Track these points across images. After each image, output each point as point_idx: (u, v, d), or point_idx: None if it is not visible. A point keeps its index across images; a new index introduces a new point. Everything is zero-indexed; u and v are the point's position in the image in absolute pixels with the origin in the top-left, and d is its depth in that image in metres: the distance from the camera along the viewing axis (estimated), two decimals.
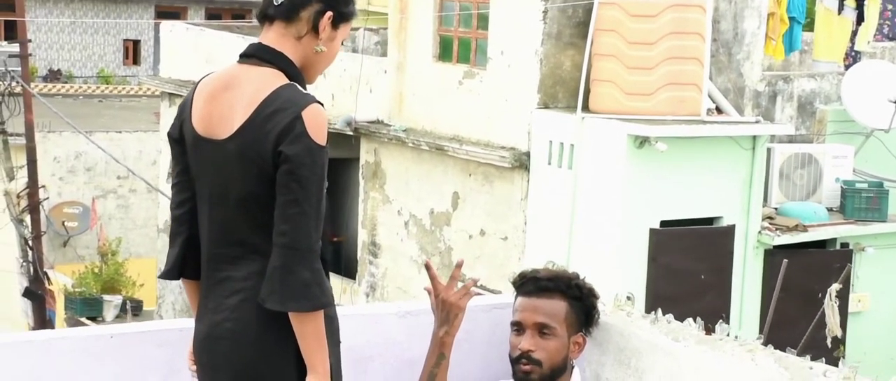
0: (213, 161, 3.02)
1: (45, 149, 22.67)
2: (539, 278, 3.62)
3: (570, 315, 3.57)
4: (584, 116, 12.72)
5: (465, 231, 13.98)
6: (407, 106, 14.55)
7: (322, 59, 3.14)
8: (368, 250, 15.16)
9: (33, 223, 19.62)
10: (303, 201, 2.92)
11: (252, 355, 2.98)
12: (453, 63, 14.16)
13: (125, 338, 3.30)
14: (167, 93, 17.95)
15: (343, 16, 3.12)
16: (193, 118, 3.06)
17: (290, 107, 2.95)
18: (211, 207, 3.05)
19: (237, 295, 3.00)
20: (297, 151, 2.91)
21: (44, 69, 31.67)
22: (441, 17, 14.27)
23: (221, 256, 3.05)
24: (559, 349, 3.54)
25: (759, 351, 3.27)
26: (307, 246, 2.93)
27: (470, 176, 13.87)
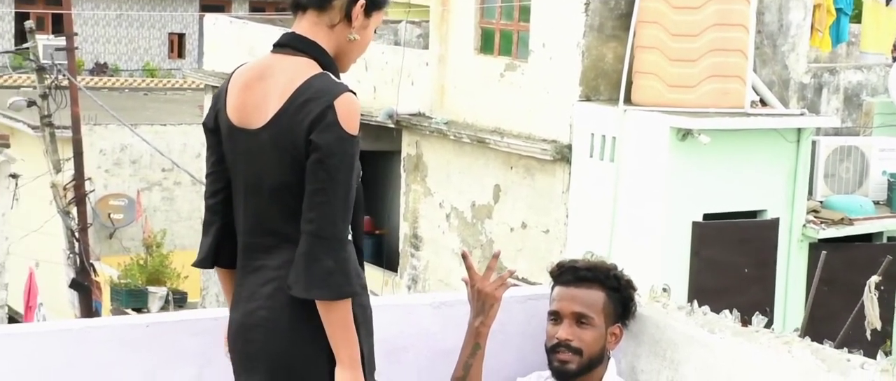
0: (248, 151, 3.02)
1: (91, 142, 22.83)
2: (578, 268, 3.61)
3: (607, 306, 3.55)
4: (627, 108, 12.67)
5: (506, 224, 13.96)
6: (448, 99, 14.54)
7: (355, 48, 3.13)
8: (410, 242, 15.18)
9: (79, 215, 19.75)
10: (330, 191, 2.92)
11: (285, 343, 2.99)
12: (495, 55, 14.14)
13: (161, 327, 3.31)
14: (211, 86, 18.04)
15: (375, 4, 3.11)
16: (228, 108, 3.06)
17: (322, 96, 2.94)
18: (246, 196, 3.06)
19: (271, 284, 3.01)
20: (327, 141, 2.91)
21: (90, 63, 31.92)
22: (483, 9, 14.25)
23: (256, 245, 3.05)
24: (597, 339, 3.52)
25: (796, 343, 3.23)
26: (332, 234, 2.92)
27: (511, 169, 13.85)
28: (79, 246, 19.79)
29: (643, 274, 12.62)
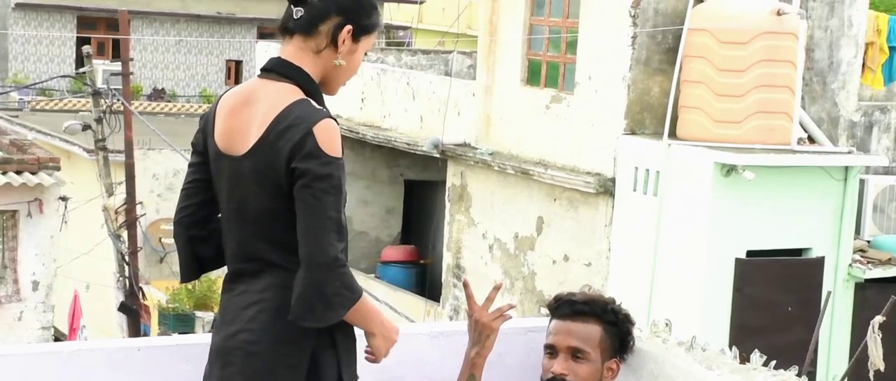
0: (232, 176, 3.04)
1: (145, 166, 23.07)
2: (575, 302, 3.58)
3: (604, 340, 3.51)
4: (671, 142, 12.59)
5: (548, 256, 13.90)
6: (494, 129, 14.53)
7: (343, 73, 3.14)
8: (453, 272, 15.16)
9: (130, 239, 19.92)
10: (322, 215, 2.94)
11: (263, 366, 2.99)
12: (541, 87, 14.12)
13: (152, 351, 3.32)
14: None
15: (364, 29, 3.11)
16: (215, 133, 3.08)
17: (301, 123, 2.95)
18: (232, 223, 3.08)
19: (254, 307, 3.03)
20: (311, 167, 2.93)
21: (148, 88, 32.32)
22: (530, 40, 14.25)
23: (241, 271, 3.07)
24: (592, 373, 3.48)
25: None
26: (333, 257, 2.96)
27: (555, 201, 13.80)
28: (128, 270, 19.96)
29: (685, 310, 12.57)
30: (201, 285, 20.78)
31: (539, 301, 14.07)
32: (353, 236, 17.07)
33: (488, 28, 14.71)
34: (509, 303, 3.77)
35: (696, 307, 12.41)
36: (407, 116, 15.78)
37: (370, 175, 17.03)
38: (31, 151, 15.78)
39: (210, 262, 3.21)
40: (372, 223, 17.16)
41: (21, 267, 15.39)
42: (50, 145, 24.92)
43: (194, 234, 3.18)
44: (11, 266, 15.35)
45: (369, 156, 16.87)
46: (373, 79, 16.43)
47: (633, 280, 12.89)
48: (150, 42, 32.63)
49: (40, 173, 15.18)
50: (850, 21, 13.97)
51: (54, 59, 32.08)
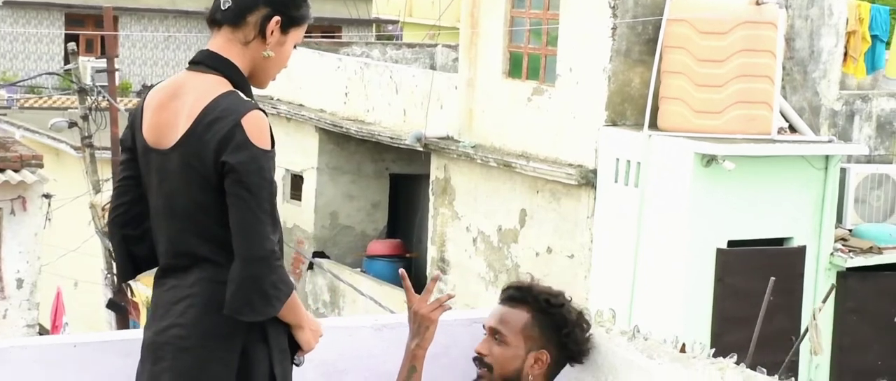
0: (160, 171, 3.03)
1: None
2: (510, 288, 3.60)
3: (530, 328, 3.50)
4: (652, 133, 12.59)
5: (532, 249, 13.90)
6: (477, 122, 14.53)
7: (272, 65, 3.12)
8: (437, 266, 15.16)
9: None
10: (256, 208, 2.93)
11: (194, 360, 2.98)
12: (523, 80, 14.12)
13: (88, 348, 3.32)
14: None
15: (293, 20, 3.10)
16: (143, 127, 3.07)
17: (229, 115, 2.94)
18: (160, 218, 3.06)
19: (184, 301, 3.01)
20: (241, 160, 2.91)
21: (137, 85, 32.28)
22: (511, 33, 14.24)
23: (172, 266, 3.06)
24: (509, 358, 3.48)
25: (730, 369, 3.20)
26: (269, 250, 2.95)
27: (537, 193, 13.80)
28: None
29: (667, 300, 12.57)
30: None
31: None
32: (339, 230, 17.08)
33: (470, 21, 14.70)
34: (449, 293, 3.76)
35: (678, 298, 12.42)
36: (390, 110, 15.77)
37: (355, 169, 17.02)
38: (14, 149, 15.76)
39: (145, 261, 3.18)
40: (357, 218, 17.15)
41: (5, 265, 15.39)
42: (38, 143, 24.88)
43: (128, 233, 3.16)
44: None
45: (354, 150, 16.87)
46: (356, 73, 16.42)
47: (615, 271, 12.90)
48: (139, 38, 32.59)
49: (23, 171, 15.16)
50: (830, 10, 13.97)
51: (43, 56, 32.04)
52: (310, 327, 3.15)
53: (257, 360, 3.03)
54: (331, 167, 16.84)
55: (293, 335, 3.13)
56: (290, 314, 3.06)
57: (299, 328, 3.12)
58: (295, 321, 3.10)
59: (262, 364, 3.04)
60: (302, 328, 3.12)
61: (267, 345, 3.04)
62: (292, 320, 3.09)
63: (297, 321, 3.10)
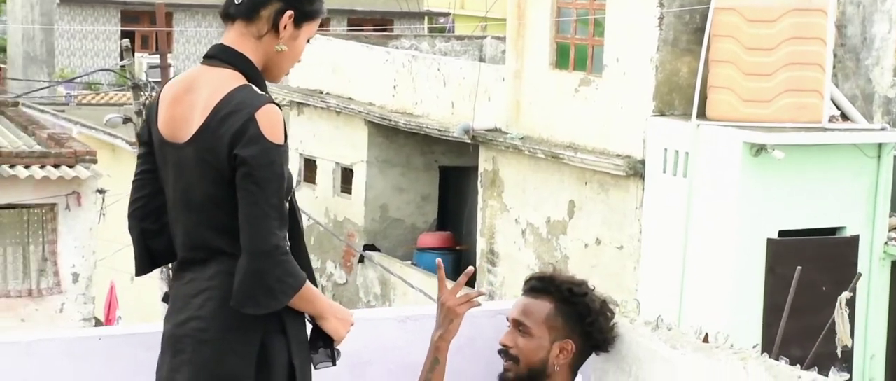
0: (176, 165, 3.04)
1: None
2: (533, 278, 3.58)
3: (553, 318, 3.47)
4: (700, 123, 12.50)
5: (580, 240, 13.86)
6: (524, 114, 14.50)
7: (285, 59, 3.12)
8: (487, 258, 15.15)
9: None
10: (263, 203, 2.93)
11: (212, 353, 3.00)
12: (570, 70, 14.07)
13: (113, 340, 3.34)
14: (295, 102, 18.25)
15: (306, 14, 3.10)
16: (159, 121, 3.08)
17: (243, 109, 2.94)
18: (177, 211, 3.08)
19: (202, 294, 3.03)
20: (253, 153, 2.91)
21: None
22: (558, 23, 14.19)
23: (189, 259, 3.07)
24: (534, 349, 3.45)
25: (752, 360, 3.16)
26: (275, 244, 2.94)
27: (585, 184, 13.76)
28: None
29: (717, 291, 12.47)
30: None
31: None
32: (389, 223, 17.11)
33: (517, 12, 14.67)
34: (480, 290, 3.76)
35: (728, 288, 12.33)
36: (438, 103, 15.78)
37: (405, 162, 17.04)
38: (68, 145, 15.94)
39: (162, 255, 3.19)
40: (407, 210, 17.18)
41: (61, 259, 15.57)
42: (94, 139, 25.18)
43: (147, 227, 3.17)
44: (52, 259, 15.53)
45: (403, 143, 16.89)
46: (404, 66, 16.44)
47: (664, 262, 12.83)
48: (193, 34, 32.82)
49: (78, 167, 15.32)
50: None
51: (99, 53, 32.34)
52: (336, 315, 3.13)
53: (275, 351, 3.04)
54: (380, 160, 16.88)
55: (321, 327, 3.14)
56: (307, 305, 3.06)
57: (323, 319, 3.11)
58: (315, 312, 3.10)
59: (280, 356, 3.04)
60: (325, 318, 3.11)
61: (285, 337, 3.05)
62: (311, 311, 3.09)
63: (317, 312, 3.10)
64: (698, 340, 3.36)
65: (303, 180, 18.41)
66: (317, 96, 17.63)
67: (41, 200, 15.27)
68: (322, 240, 17.70)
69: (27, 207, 15.32)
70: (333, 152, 17.52)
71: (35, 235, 15.41)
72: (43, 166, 15.07)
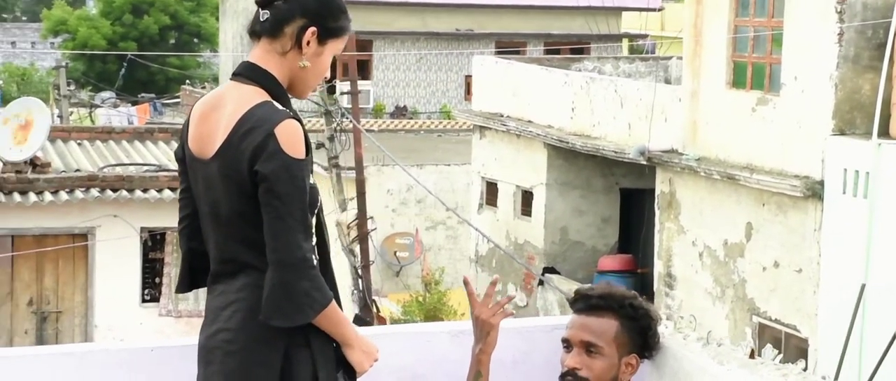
0: (204, 180, 3.12)
1: (379, 182, 23.69)
2: (591, 296, 3.50)
3: (620, 335, 3.42)
4: (881, 142, 12.02)
5: (758, 263, 13.50)
6: (701, 134, 14.24)
7: (309, 75, 3.17)
8: (664, 281, 14.92)
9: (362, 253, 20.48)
10: (287, 216, 2.99)
11: (239, 365, 3.06)
12: (747, 89, 13.76)
13: (165, 352, 3.45)
14: (478, 126, 18.38)
15: (330, 31, 3.14)
16: (189, 138, 3.17)
17: (263, 125, 3.00)
18: (208, 226, 3.16)
19: (231, 307, 3.10)
20: (273, 169, 2.97)
21: (391, 106, 33.17)
22: (735, 42, 13.90)
23: (220, 272, 3.15)
24: (606, 369, 3.40)
25: (793, 376, 3.06)
26: (300, 257, 3.00)
27: (763, 206, 13.40)
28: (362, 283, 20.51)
29: None
30: (431, 297, 21.16)
31: (751, 310, 13.69)
32: (569, 245, 17.04)
33: (693, 32, 14.44)
34: (510, 295, 3.70)
35: None
36: (615, 124, 15.65)
37: (585, 184, 16.96)
38: None
39: (203, 275, 3.25)
40: (588, 233, 17.08)
41: None
42: None
43: (194, 246, 3.26)
44: None
45: (583, 165, 16.81)
46: (582, 88, 16.38)
47: (845, 286, 12.36)
48: (392, 61, 33.45)
49: None
50: None
51: None
52: (361, 347, 3.16)
53: (299, 363, 3.08)
54: (560, 182, 16.84)
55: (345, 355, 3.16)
56: (331, 327, 3.09)
57: (348, 347, 3.14)
58: (340, 338, 3.13)
59: (304, 368, 3.08)
60: (350, 346, 3.14)
61: (310, 350, 3.09)
62: (336, 335, 3.12)
63: (342, 338, 3.13)
64: (744, 356, 3.26)
65: (484, 204, 18.54)
66: (497, 120, 17.74)
67: None
68: (503, 263, 17.76)
69: None
70: (514, 175, 17.57)
71: None
72: None
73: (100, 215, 15.74)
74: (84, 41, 48.98)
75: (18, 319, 15.84)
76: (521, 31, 34.20)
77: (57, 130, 18.36)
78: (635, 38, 35.51)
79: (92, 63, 49.76)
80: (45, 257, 15.60)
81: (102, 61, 48.97)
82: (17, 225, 15.47)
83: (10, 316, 15.80)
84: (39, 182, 15.45)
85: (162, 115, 38.69)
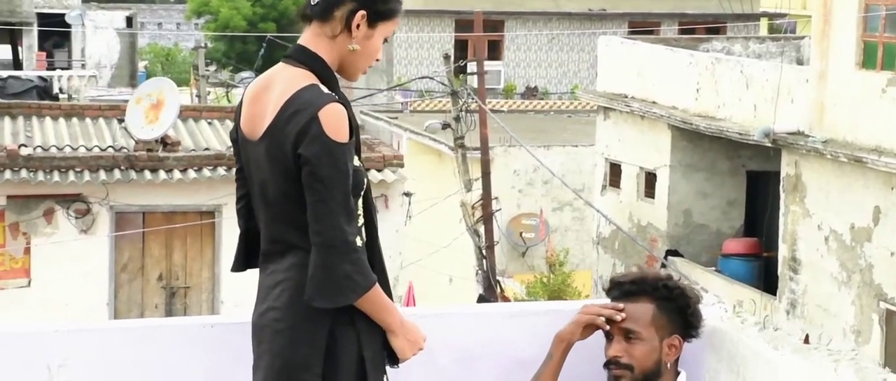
0: (254, 161, 3.16)
1: (506, 162, 23.68)
2: (624, 282, 3.47)
3: (658, 318, 3.39)
4: None
5: (886, 248, 13.15)
6: (828, 116, 13.90)
7: (360, 58, 3.17)
8: (788, 265, 14.62)
9: (486, 234, 20.52)
10: (329, 199, 3.01)
11: (286, 343, 3.10)
12: (877, 70, 13.39)
13: (225, 328, 3.50)
14: (602, 107, 18.25)
15: (380, 14, 3.14)
16: (241, 120, 3.21)
17: (307, 108, 3.02)
18: (258, 206, 3.20)
19: (279, 286, 3.14)
20: (315, 152, 2.99)
21: (522, 87, 33.08)
22: (866, 21, 13.52)
23: (270, 252, 3.19)
24: (648, 352, 3.37)
25: (844, 362, 3.00)
26: (342, 239, 3.02)
27: (892, 189, 13.04)
28: (486, 263, 20.56)
29: None
30: (555, 278, 21.11)
31: (878, 296, 13.34)
32: (693, 228, 16.82)
33: (822, 11, 14.09)
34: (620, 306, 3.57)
35: None
36: (741, 106, 15.37)
37: (709, 166, 16.70)
38: (378, 150, 16.60)
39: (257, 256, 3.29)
40: (712, 216, 16.82)
41: None
42: (421, 145, 26.10)
43: (251, 226, 3.30)
44: None
45: (708, 147, 16.56)
46: (707, 68, 16.12)
47: None
48: (524, 41, 33.37)
49: (385, 171, 15.93)
50: None
51: (434, 62, 33.41)
52: (405, 336, 3.17)
53: (343, 342, 3.11)
54: (684, 164, 16.61)
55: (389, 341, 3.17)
56: (374, 311, 3.11)
57: (391, 333, 3.16)
58: (384, 323, 3.14)
59: (348, 347, 3.11)
60: (394, 333, 3.15)
61: (355, 328, 3.11)
62: (377, 318, 3.13)
63: (386, 324, 3.14)
64: (799, 341, 3.20)
65: (608, 185, 18.40)
66: (621, 101, 17.57)
67: None
68: (625, 245, 17.61)
69: None
70: (637, 157, 17.40)
71: None
72: None
73: (226, 193, 16.05)
74: (225, 22, 49.99)
75: (149, 293, 16.27)
76: (654, 11, 33.76)
77: (188, 110, 18.74)
78: (774, 18, 34.78)
79: (232, 44, 50.78)
80: (173, 233, 15.98)
81: (242, 42, 49.93)
82: (147, 202, 15.86)
83: (141, 291, 16.24)
84: (169, 160, 15.81)
85: None
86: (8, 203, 15.52)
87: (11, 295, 15.64)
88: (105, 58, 40.57)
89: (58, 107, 18.94)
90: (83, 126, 17.65)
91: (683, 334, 3.41)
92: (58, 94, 28.40)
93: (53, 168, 15.42)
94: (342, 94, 3.14)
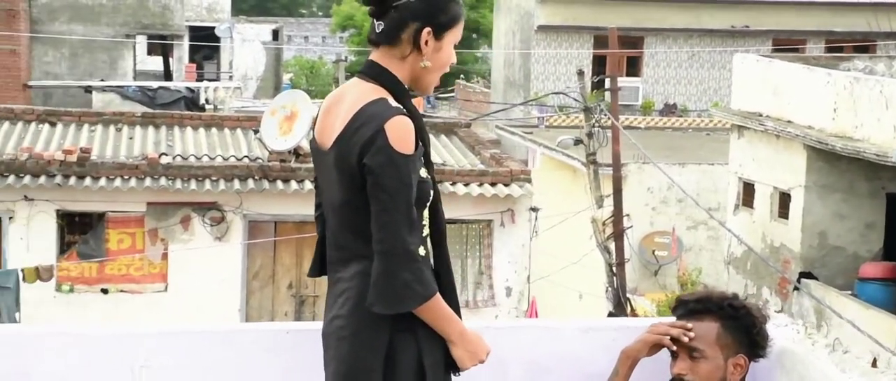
0: (324, 170, 3.30)
1: (640, 179, 23.50)
2: (689, 301, 3.49)
3: (723, 337, 3.39)
4: None
5: None
6: None
7: (432, 72, 3.27)
8: None
9: (617, 251, 20.40)
10: (392, 209, 3.09)
11: (350, 350, 3.20)
12: None
13: (301, 335, 3.60)
14: (736, 125, 17.99)
15: (444, 25, 3.22)
16: (316, 131, 3.33)
17: (373, 120, 3.12)
18: (328, 214, 3.33)
19: (344, 294, 3.24)
20: (379, 162, 3.09)
21: (660, 103, 32.76)
22: None
23: (335, 258, 3.30)
24: (712, 371, 3.37)
25: None
26: (403, 248, 3.10)
27: None
28: (616, 281, 20.43)
29: None
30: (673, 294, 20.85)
31: None
32: (828, 250, 16.44)
33: None
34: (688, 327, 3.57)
35: None
36: (879, 126, 14.98)
37: (847, 188, 16.31)
38: (505, 165, 16.67)
39: None
40: (849, 238, 16.42)
41: (495, 274, 16.30)
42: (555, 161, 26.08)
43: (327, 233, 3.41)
44: (487, 273, 16.30)
45: (845, 168, 16.18)
46: (845, 88, 15.77)
47: None
48: (664, 58, 33.06)
49: (512, 185, 15.99)
50: None
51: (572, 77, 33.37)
52: (465, 347, 3.23)
53: (402, 349, 3.18)
54: (819, 185, 16.26)
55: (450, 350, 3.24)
56: (434, 320, 3.18)
57: (451, 343, 3.23)
58: (441, 331, 3.21)
59: (407, 354, 3.18)
60: (453, 343, 3.23)
61: (415, 335, 3.18)
62: (437, 327, 3.20)
63: (444, 331, 3.21)
64: (867, 364, 3.15)
65: (740, 205, 18.12)
66: (755, 119, 17.31)
67: (479, 216, 16.08)
68: (758, 266, 17.31)
69: (466, 222, 16.18)
70: (771, 176, 17.10)
71: (473, 249, 16.24)
72: (481, 184, 15.87)
73: None
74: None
75: (279, 301, 16.59)
76: (800, 29, 33.11)
77: None
78: None
79: None
80: (304, 242, 16.26)
81: None
82: (279, 211, 16.20)
83: (271, 298, 16.57)
84: (301, 171, 16.12)
85: (435, 108, 39.57)
86: (148, 209, 16.01)
87: (149, 299, 16.12)
88: (251, 70, 41.57)
89: (199, 117, 19.48)
90: (221, 136, 18.13)
91: (749, 353, 3.40)
92: (204, 104, 29.17)
93: (191, 176, 15.87)
94: (413, 107, 3.22)
